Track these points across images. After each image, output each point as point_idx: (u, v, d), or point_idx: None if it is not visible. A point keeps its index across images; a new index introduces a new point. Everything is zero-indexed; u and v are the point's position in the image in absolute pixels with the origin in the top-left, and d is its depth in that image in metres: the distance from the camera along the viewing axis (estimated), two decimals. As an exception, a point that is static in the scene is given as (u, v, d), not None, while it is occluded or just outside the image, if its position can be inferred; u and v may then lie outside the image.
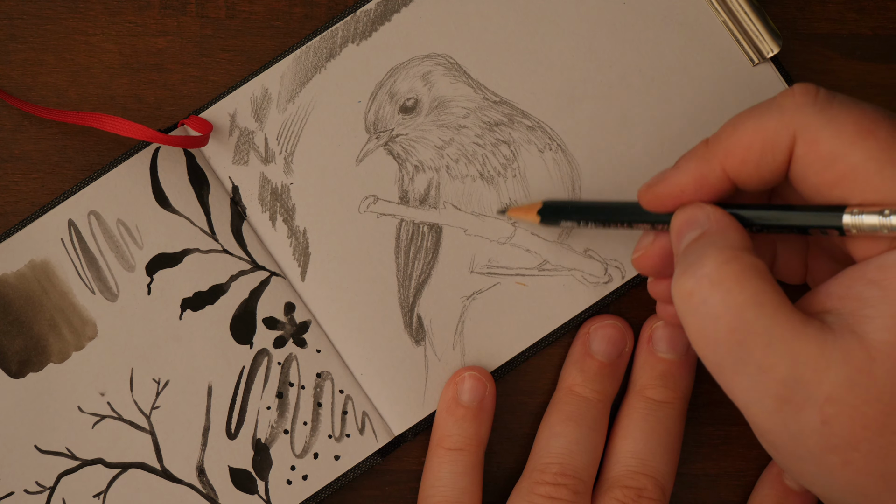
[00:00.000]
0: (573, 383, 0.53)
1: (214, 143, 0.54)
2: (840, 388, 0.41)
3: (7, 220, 0.54)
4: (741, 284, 0.42)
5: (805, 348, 0.41)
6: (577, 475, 0.51)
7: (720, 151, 0.45)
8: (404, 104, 0.54)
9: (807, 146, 0.43)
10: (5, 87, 0.55)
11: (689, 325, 0.44)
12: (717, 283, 0.42)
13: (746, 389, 0.43)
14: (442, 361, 0.54)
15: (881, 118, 0.42)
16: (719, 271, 0.43)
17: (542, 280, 0.54)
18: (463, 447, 0.52)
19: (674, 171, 0.47)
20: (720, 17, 0.54)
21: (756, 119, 0.44)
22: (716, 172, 0.45)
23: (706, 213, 0.46)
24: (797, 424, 0.42)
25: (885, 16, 0.56)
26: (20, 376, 0.53)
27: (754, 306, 0.42)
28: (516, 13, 0.55)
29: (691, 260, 0.44)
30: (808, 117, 0.43)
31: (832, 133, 0.42)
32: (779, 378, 0.42)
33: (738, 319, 0.42)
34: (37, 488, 0.52)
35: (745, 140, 0.44)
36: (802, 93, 0.44)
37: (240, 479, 0.53)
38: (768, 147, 0.44)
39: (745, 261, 0.43)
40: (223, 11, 0.55)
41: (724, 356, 0.43)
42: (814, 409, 0.41)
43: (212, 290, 0.53)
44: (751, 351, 0.42)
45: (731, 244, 0.44)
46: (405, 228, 0.54)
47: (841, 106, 0.43)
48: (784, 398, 0.42)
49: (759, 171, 0.44)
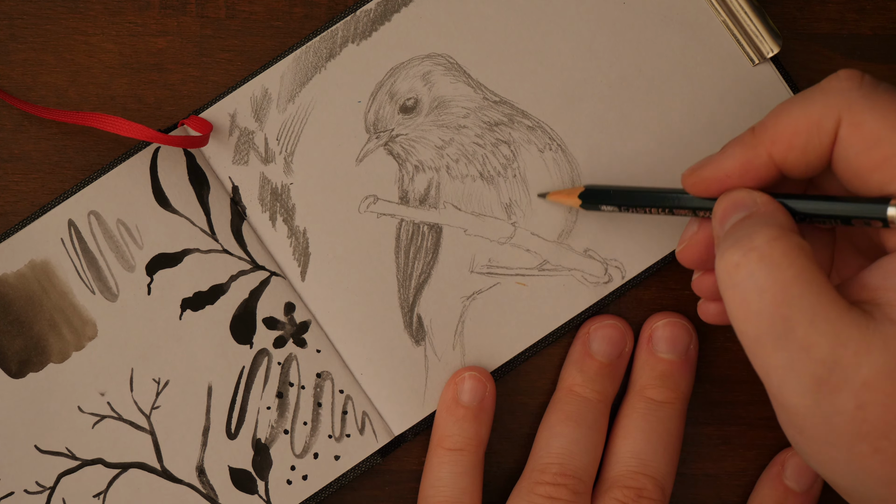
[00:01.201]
0: (573, 383, 0.53)
1: (214, 143, 0.54)
2: (878, 374, 0.41)
3: (7, 220, 0.54)
4: (790, 260, 0.42)
5: (847, 330, 0.41)
6: (576, 475, 0.51)
7: (767, 138, 0.45)
8: (404, 104, 0.54)
9: (851, 128, 0.43)
10: (5, 87, 0.55)
11: (733, 297, 0.43)
12: (766, 257, 0.42)
13: (783, 367, 0.42)
14: (442, 361, 0.54)
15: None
16: (769, 245, 0.42)
17: (542, 280, 0.54)
18: (463, 447, 0.52)
19: (720, 155, 0.47)
20: (720, 16, 0.54)
21: (801, 105, 0.44)
22: (762, 158, 0.45)
23: (753, 197, 0.46)
24: (831, 407, 0.41)
25: (885, 16, 0.56)
26: (20, 376, 0.53)
27: (801, 283, 0.42)
28: (516, 13, 0.55)
29: (739, 235, 0.43)
30: (852, 100, 0.43)
31: (877, 116, 0.42)
32: (819, 357, 0.41)
33: (784, 294, 0.42)
34: (37, 488, 0.52)
35: (792, 126, 0.44)
36: (847, 77, 0.44)
37: (240, 479, 0.53)
38: (814, 131, 0.44)
39: (794, 240, 0.43)
40: (223, 11, 0.55)
41: (766, 331, 0.42)
42: (850, 392, 0.41)
43: (212, 290, 0.53)
44: (794, 327, 0.42)
45: (780, 223, 0.44)
46: (405, 228, 0.54)
47: (886, 91, 0.43)
48: (821, 378, 0.41)
49: (806, 155, 0.44)
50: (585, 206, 0.52)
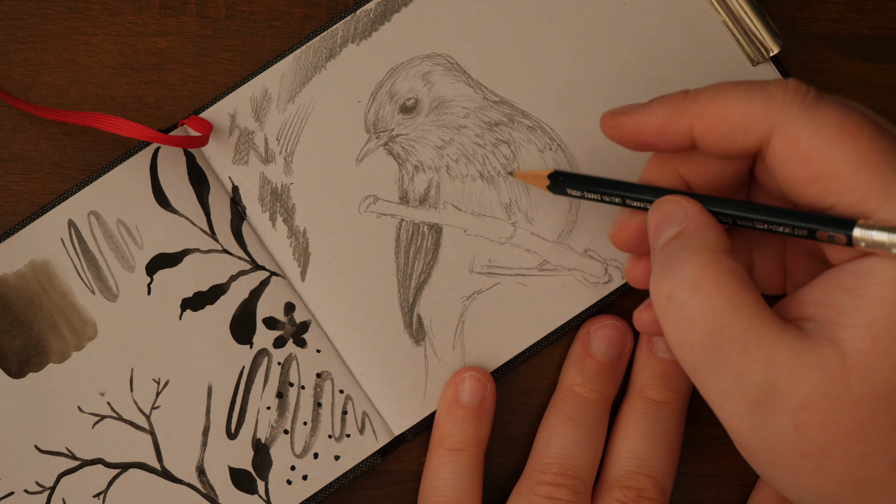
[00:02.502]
0: (573, 383, 0.53)
1: (214, 143, 0.54)
2: (814, 394, 0.41)
3: (7, 220, 0.54)
4: (719, 288, 0.42)
5: (781, 354, 0.42)
6: (577, 475, 0.51)
7: (695, 108, 0.45)
8: (404, 104, 0.54)
9: (787, 142, 0.43)
10: (5, 87, 0.55)
11: (667, 327, 0.44)
12: (696, 287, 0.43)
13: (721, 392, 0.43)
14: (442, 361, 0.54)
15: (865, 121, 0.42)
16: (699, 275, 0.43)
17: (543, 280, 0.54)
18: (463, 447, 0.52)
19: (643, 108, 0.47)
20: (720, 16, 0.54)
21: (741, 94, 0.44)
22: (682, 126, 0.45)
23: (683, 210, 0.46)
24: (770, 429, 0.42)
25: (885, 16, 0.56)
26: (20, 376, 0.53)
27: (732, 310, 0.42)
28: (516, 13, 0.55)
29: (670, 262, 0.44)
30: (792, 114, 0.43)
31: (813, 132, 0.42)
32: (753, 382, 0.42)
33: (714, 323, 0.42)
34: (37, 488, 0.52)
35: (724, 110, 0.44)
36: (794, 89, 0.44)
37: (240, 479, 0.53)
38: (742, 126, 0.44)
39: (724, 264, 0.43)
40: (223, 11, 0.55)
41: (700, 359, 0.43)
42: (787, 414, 0.41)
43: (212, 290, 0.53)
44: (727, 355, 0.42)
45: (710, 246, 0.44)
46: (405, 228, 0.54)
47: (827, 107, 0.43)
48: (758, 402, 0.42)
49: (725, 144, 0.44)
50: (553, 188, 0.52)
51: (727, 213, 0.45)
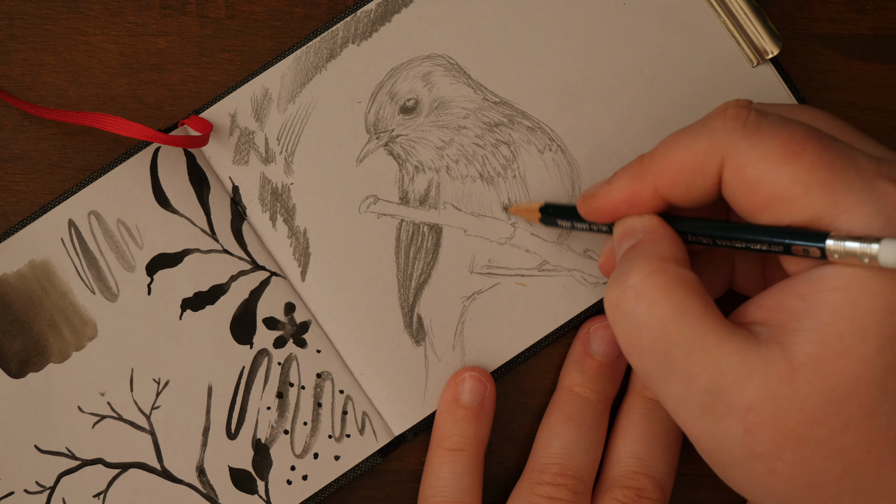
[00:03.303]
0: (573, 383, 0.53)
1: (215, 143, 0.54)
2: (761, 398, 0.41)
3: (7, 220, 0.54)
4: (665, 295, 0.43)
5: (726, 358, 0.42)
6: (576, 475, 0.51)
7: (652, 171, 0.46)
8: (405, 105, 0.54)
9: (734, 171, 0.43)
10: (5, 87, 0.55)
11: (618, 334, 0.45)
12: (642, 294, 0.43)
13: (672, 397, 0.44)
14: (442, 362, 0.54)
15: (809, 138, 0.42)
16: (644, 282, 0.43)
17: (542, 280, 0.54)
18: (463, 447, 0.52)
19: (608, 186, 0.47)
20: (720, 18, 0.55)
21: (687, 141, 0.45)
22: (648, 191, 0.46)
23: (642, 223, 0.46)
24: (722, 432, 0.42)
25: (885, 16, 0.56)
26: (20, 376, 0.53)
27: (677, 317, 0.43)
28: (516, 14, 0.55)
29: (620, 271, 0.45)
30: (735, 142, 0.43)
31: (758, 157, 0.42)
32: (701, 387, 0.42)
33: (660, 330, 0.43)
34: (37, 488, 0.52)
35: (676, 163, 0.45)
36: (733, 116, 0.44)
37: (240, 479, 0.53)
38: (698, 170, 0.44)
39: (671, 272, 0.43)
40: (223, 11, 0.55)
41: (650, 366, 0.44)
42: (736, 417, 0.42)
43: (212, 290, 0.53)
44: (674, 361, 0.43)
45: (660, 254, 0.44)
46: (405, 229, 0.54)
47: (769, 128, 0.43)
48: (708, 406, 0.42)
49: (690, 192, 0.45)
50: (544, 220, 0.52)
51: (705, 234, 0.46)
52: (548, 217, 0.52)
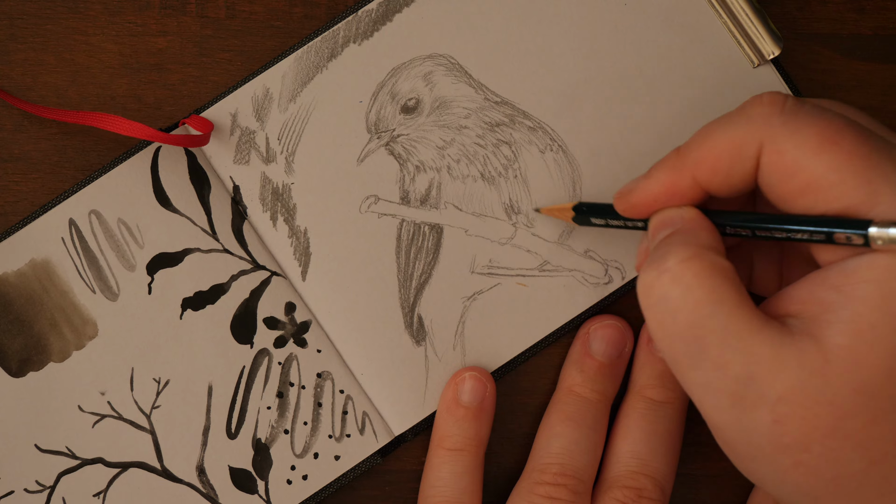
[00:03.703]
0: (573, 383, 0.53)
1: (215, 142, 0.54)
2: (793, 389, 0.41)
3: (7, 220, 0.54)
4: (701, 281, 0.43)
5: (760, 348, 0.42)
6: (576, 475, 0.51)
7: (690, 161, 0.46)
8: (406, 104, 0.54)
9: (772, 156, 0.43)
10: (5, 87, 0.54)
11: (650, 318, 0.44)
12: (678, 279, 0.43)
13: (701, 385, 0.43)
14: (442, 362, 0.54)
15: (846, 127, 0.42)
16: (680, 266, 0.43)
17: (543, 281, 0.54)
18: (463, 447, 0.52)
19: (646, 179, 0.47)
20: (721, 18, 0.55)
21: (725, 129, 0.45)
22: (687, 181, 0.46)
23: (680, 214, 0.46)
24: (750, 422, 0.42)
25: (885, 16, 0.56)
26: (20, 375, 0.53)
27: (712, 303, 0.43)
28: (518, 14, 0.55)
29: (655, 256, 0.44)
30: (773, 128, 0.43)
31: (796, 144, 0.43)
32: (732, 375, 0.42)
33: (695, 315, 0.43)
34: (37, 487, 0.52)
35: (715, 150, 0.45)
36: (770, 102, 0.44)
37: (240, 479, 0.53)
38: (737, 157, 0.44)
39: (708, 258, 0.43)
40: (223, 11, 0.55)
41: (681, 351, 0.43)
42: (766, 408, 0.42)
43: (212, 289, 0.53)
44: (706, 347, 0.43)
45: (698, 242, 0.44)
46: (406, 228, 0.54)
47: (807, 116, 0.43)
48: (737, 395, 0.42)
49: (730, 179, 0.45)
50: (577, 220, 0.52)
51: (745, 225, 0.46)
52: (581, 216, 0.52)
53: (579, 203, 0.52)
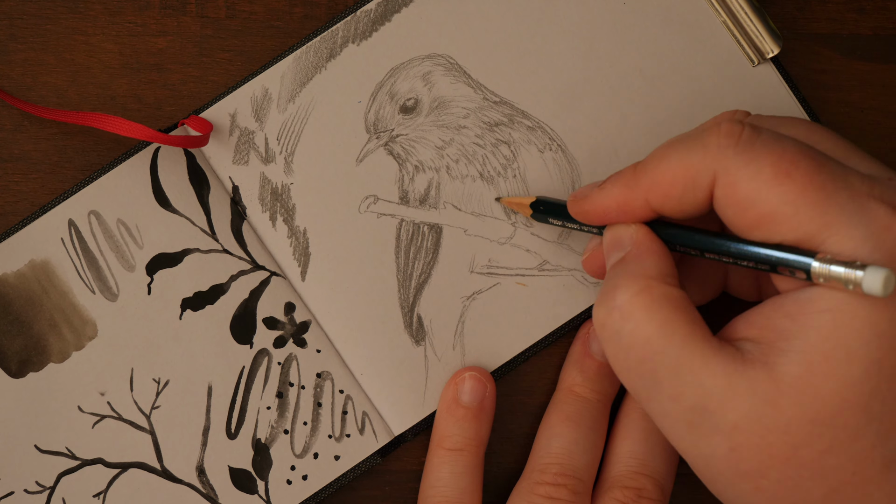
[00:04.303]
0: (573, 383, 0.53)
1: (215, 142, 0.54)
2: (746, 418, 0.42)
3: (7, 220, 0.54)
4: (650, 315, 0.43)
5: (711, 378, 0.42)
6: (576, 475, 0.51)
7: (645, 183, 0.46)
8: (404, 104, 0.54)
9: (726, 189, 0.43)
10: (5, 87, 0.55)
11: (606, 352, 0.45)
12: (628, 315, 0.44)
13: (660, 414, 0.44)
14: (442, 361, 0.54)
15: (801, 157, 0.42)
16: (630, 303, 0.44)
17: (543, 280, 0.54)
18: (463, 447, 0.52)
19: (600, 191, 0.47)
20: (720, 17, 0.55)
21: (681, 155, 0.44)
22: (639, 201, 0.46)
23: (629, 235, 0.47)
24: (707, 449, 0.43)
25: (885, 16, 0.56)
26: (20, 376, 0.53)
27: (662, 337, 0.43)
28: (517, 14, 0.55)
29: (607, 288, 0.45)
30: (728, 159, 0.43)
31: (750, 176, 0.42)
32: (687, 406, 0.43)
33: (646, 350, 0.43)
34: (37, 488, 0.52)
35: (668, 176, 0.45)
36: (727, 133, 0.44)
37: (240, 479, 0.53)
38: (690, 185, 0.44)
39: (657, 291, 0.44)
40: (223, 11, 0.55)
41: (638, 384, 0.44)
42: (721, 436, 0.42)
43: (212, 289, 0.53)
44: (660, 380, 0.43)
45: (646, 272, 0.45)
46: (405, 228, 0.54)
47: (763, 146, 0.43)
48: (693, 424, 0.43)
49: (682, 205, 0.45)
50: (535, 216, 0.52)
51: (694, 246, 0.46)
52: (539, 213, 0.52)
53: (538, 199, 0.52)
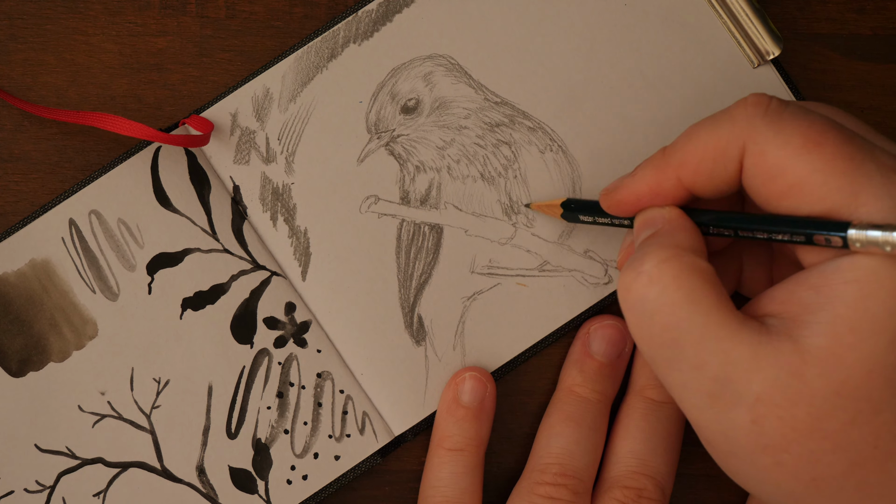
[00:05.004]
0: (573, 383, 0.53)
1: (215, 142, 0.54)
2: (770, 389, 0.41)
3: (7, 220, 0.54)
4: (678, 282, 0.43)
5: (737, 348, 0.42)
6: (577, 475, 0.51)
7: (675, 161, 0.46)
8: (406, 104, 0.54)
9: (755, 158, 0.43)
10: (5, 87, 0.55)
11: (628, 319, 0.45)
12: (655, 280, 0.43)
13: (680, 385, 0.44)
14: (442, 362, 0.54)
15: (829, 129, 0.42)
16: (658, 268, 0.43)
17: (543, 281, 0.54)
18: (463, 447, 0.52)
19: (631, 178, 0.48)
20: (721, 18, 0.55)
21: (709, 130, 0.45)
22: (671, 181, 0.46)
23: (661, 214, 0.47)
24: (729, 422, 0.42)
25: (885, 16, 0.56)
26: (20, 375, 0.53)
27: (688, 304, 0.43)
28: (518, 14, 0.55)
29: (636, 257, 0.45)
30: (757, 129, 0.43)
31: (779, 145, 0.43)
32: (710, 376, 0.42)
33: (671, 317, 0.43)
34: (37, 487, 0.52)
35: (699, 151, 0.45)
36: (754, 103, 0.44)
37: (240, 479, 0.53)
38: (720, 158, 0.44)
39: (686, 260, 0.44)
40: (223, 11, 0.55)
41: (659, 352, 0.44)
42: (744, 407, 0.42)
43: (212, 289, 0.53)
44: (683, 349, 0.43)
45: (677, 243, 0.45)
46: (406, 229, 0.54)
47: (791, 117, 0.43)
48: (715, 395, 0.42)
49: (713, 181, 0.45)
50: (566, 215, 0.53)
51: (727, 225, 0.46)
52: (570, 212, 0.52)
53: (568, 199, 0.52)
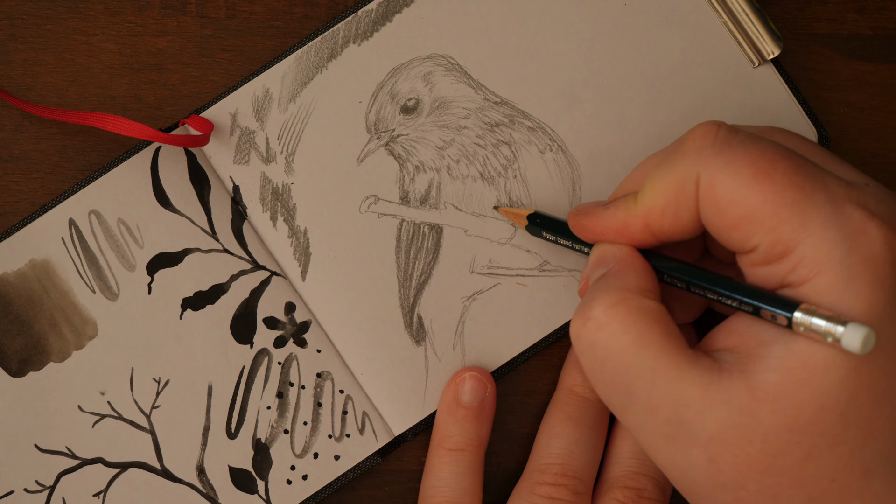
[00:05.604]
0: (573, 383, 0.53)
1: (215, 142, 0.54)
2: (723, 428, 0.42)
3: (7, 220, 0.54)
4: (625, 326, 0.43)
5: (688, 390, 0.42)
6: (577, 475, 0.51)
7: (642, 209, 0.45)
8: (405, 104, 0.54)
9: (706, 190, 0.43)
10: (5, 87, 0.55)
11: (582, 364, 0.45)
12: (603, 326, 0.44)
13: (636, 427, 0.44)
14: (442, 362, 0.54)
15: (780, 157, 0.42)
16: (606, 314, 0.44)
17: (543, 281, 0.54)
18: (463, 447, 0.52)
19: (603, 210, 0.47)
20: (721, 18, 0.55)
21: (666, 170, 0.44)
22: (638, 226, 0.46)
23: (614, 252, 0.47)
24: (686, 461, 0.43)
25: (885, 16, 0.56)
26: (20, 375, 0.53)
27: (637, 348, 0.43)
28: (518, 14, 0.55)
29: (585, 301, 0.45)
30: (706, 161, 0.43)
31: (729, 176, 0.42)
32: (663, 418, 0.43)
33: (621, 362, 0.43)
34: (37, 487, 0.52)
35: (661, 196, 0.44)
36: (702, 135, 0.44)
37: (240, 479, 0.53)
38: (681, 196, 0.44)
39: (633, 303, 0.44)
40: (223, 11, 0.55)
41: (613, 396, 0.44)
42: (699, 447, 0.42)
43: (212, 289, 0.53)
44: (635, 392, 0.43)
45: (625, 286, 0.44)
46: (406, 228, 0.54)
47: (740, 145, 0.43)
48: (670, 437, 0.43)
49: (680, 221, 0.45)
50: (530, 228, 0.52)
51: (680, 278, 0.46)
52: (534, 226, 0.52)
53: (535, 212, 0.52)
